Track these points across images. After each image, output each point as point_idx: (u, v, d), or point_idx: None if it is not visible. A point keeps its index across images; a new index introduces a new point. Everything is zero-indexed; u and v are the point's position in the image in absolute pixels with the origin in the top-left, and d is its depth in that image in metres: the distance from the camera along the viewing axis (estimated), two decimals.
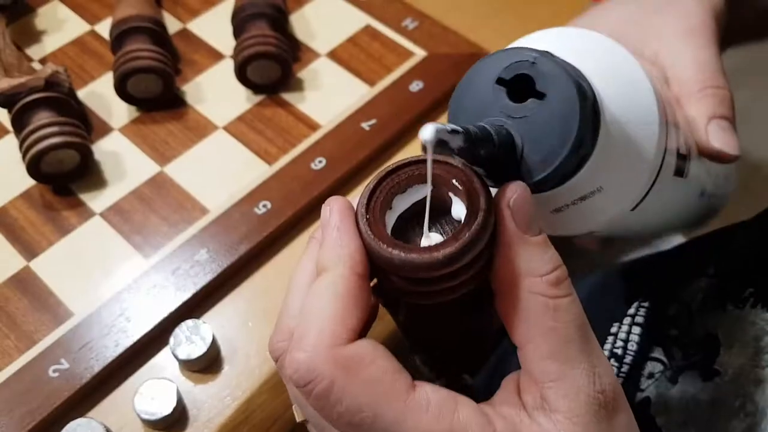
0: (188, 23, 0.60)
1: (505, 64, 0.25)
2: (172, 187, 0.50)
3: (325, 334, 0.24)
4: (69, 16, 0.61)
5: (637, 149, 0.26)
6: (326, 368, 0.23)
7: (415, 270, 0.23)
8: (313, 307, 0.24)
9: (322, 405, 0.23)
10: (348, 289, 0.24)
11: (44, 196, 0.50)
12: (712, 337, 0.37)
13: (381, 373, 0.23)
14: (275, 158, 0.51)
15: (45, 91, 0.50)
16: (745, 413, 0.33)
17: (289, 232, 0.49)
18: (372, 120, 0.53)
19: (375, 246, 0.24)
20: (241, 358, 0.44)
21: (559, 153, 0.24)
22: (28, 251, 0.47)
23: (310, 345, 0.23)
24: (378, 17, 0.59)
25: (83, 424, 0.40)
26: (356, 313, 0.24)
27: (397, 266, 0.24)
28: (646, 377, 0.40)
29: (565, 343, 0.24)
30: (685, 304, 0.41)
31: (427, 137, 0.22)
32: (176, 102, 0.55)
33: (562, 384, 0.24)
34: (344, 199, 0.26)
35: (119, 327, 0.44)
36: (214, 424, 0.42)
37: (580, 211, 0.26)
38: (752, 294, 0.37)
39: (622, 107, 0.26)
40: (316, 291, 0.25)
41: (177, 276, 0.46)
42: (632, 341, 0.43)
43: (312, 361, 0.23)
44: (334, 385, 0.23)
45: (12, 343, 0.44)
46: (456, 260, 0.23)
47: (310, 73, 0.56)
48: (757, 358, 0.34)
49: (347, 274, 0.24)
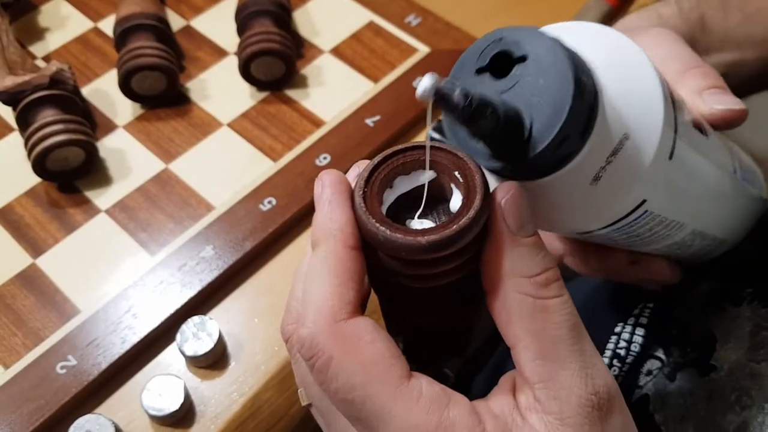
0: (192, 20, 0.60)
1: (477, 53, 0.25)
2: (177, 184, 0.50)
3: (324, 310, 0.24)
4: (72, 13, 0.61)
5: (643, 89, 0.25)
6: (327, 343, 0.23)
7: (397, 250, 0.23)
8: (311, 284, 0.24)
9: (322, 379, 0.24)
10: (341, 262, 0.24)
11: (50, 193, 0.50)
12: (709, 335, 0.38)
13: (379, 355, 0.24)
14: (280, 155, 0.51)
15: (50, 89, 0.50)
16: (741, 406, 0.33)
17: (294, 228, 0.49)
18: (376, 116, 0.53)
19: (364, 219, 0.24)
20: (247, 354, 0.44)
21: (566, 101, 0.22)
22: (34, 249, 0.48)
23: (311, 321, 0.24)
24: (381, 13, 0.60)
25: (92, 420, 0.40)
26: (352, 285, 0.24)
27: (381, 243, 0.24)
28: (645, 374, 0.41)
29: (554, 344, 0.24)
30: (687, 306, 0.42)
31: (422, 91, 0.21)
32: (180, 99, 0.55)
33: (553, 385, 0.24)
34: (337, 172, 0.26)
35: (126, 324, 0.44)
36: (221, 419, 0.42)
37: (618, 170, 0.25)
38: (750, 293, 0.37)
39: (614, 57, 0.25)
40: (311, 267, 0.25)
41: (183, 273, 0.46)
42: (635, 342, 0.43)
43: (314, 336, 0.24)
44: (332, 360, 0.23)
45: (19, 340, 0.44)
46: (438, 248, 0.23)
47: (314, 70, 0.56)
48: (752, 353, 0.35)
49: (339, 248, 0.24)
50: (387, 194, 0.26)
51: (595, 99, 0.24)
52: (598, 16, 0.58)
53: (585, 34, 0.26)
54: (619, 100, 0.25)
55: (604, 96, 0.24)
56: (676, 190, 0.28)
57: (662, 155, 0.25)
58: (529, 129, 0.23)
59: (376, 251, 0.25)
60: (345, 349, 0.23)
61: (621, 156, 0.25)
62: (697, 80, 0.32)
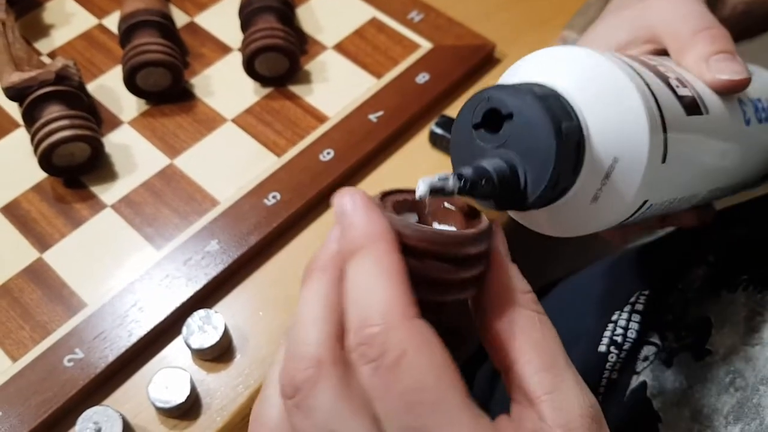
0: (195, 17, 0.60)
1: (471, 110, 0.27)
2: (182, 179, 0.51)
3: (394, 306, 0.22)
4: (76, 10, 0.61)
5: (625, 110, 0.26)
6: (400, 339, 0.21)
7: (447, 243, 0.24)
8: (369, 284, 0.22)
9: (390, 379, 0.21)
10: (396, 263, 0.23)
11: (56, 188, 0.51)
12: (704, 320, 0.38)
13: (448, 362, 0.22)
14: (284, 150, 0.52)
15: (55, 85, 0.50)
16: (735, 388, 0.34)
17: (299, 222, 0.50)
18: (379, 111, 0.53)
19: (405, 223, 0.24)
20: (252, 347, 0.45)
21: (551, 151, 0.25)
22: (40, 243, 0.48)
23: (379, 319, 0.22)
24: (384, 10, 0.60)
25: (99, 412, 0.40)
26: (409, 286, 0.23)
27: (430, 239, 0.24)
28: (642, 360, 0.41)
29: (553, 356, 0.24)
30: (682, 292, 0.42)
31: (421, 193, 0.24)
32: (185, 95, 0.55)
33: (557, 396, 0.24)
34: (364, 192, 0.25)
35: (132, 317, 0.45)
36: (226, 411, 0.43)
37: (614, 187, 0.27)
38: (745, 280, 0.38)
39: (592, 84, 0.27)
40: (364, 269, 0.23)
41: (188, 267, 0.47)
42: (632, 329, 0.43)
43: (386, 331, 0.21)
44: (406, 356, 0.21)
45: (27, 333, 0.44)
46: (481, 238, 0.25)
47: (318, 66, 0.57)
48: (747, 337, 0.35)
49: (390, 249, 0.23)
50: None
51: (580, 138, 0.26)
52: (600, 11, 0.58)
53: (561, 63, 0.28)
54: (604, 128, 0.26)
55: (589, 129, 0.26)
56: (678, 180, 0.30)
57: (654, 162, 0.27)
58: (524, 179, 0.26)
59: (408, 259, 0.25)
60: (419, 345, 0.22)
61: (614, 176, 0.26)
62: (706, 45, 0.32)
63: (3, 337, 0.44)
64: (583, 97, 0.26)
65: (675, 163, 0.28)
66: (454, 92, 0.56)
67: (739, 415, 0.32)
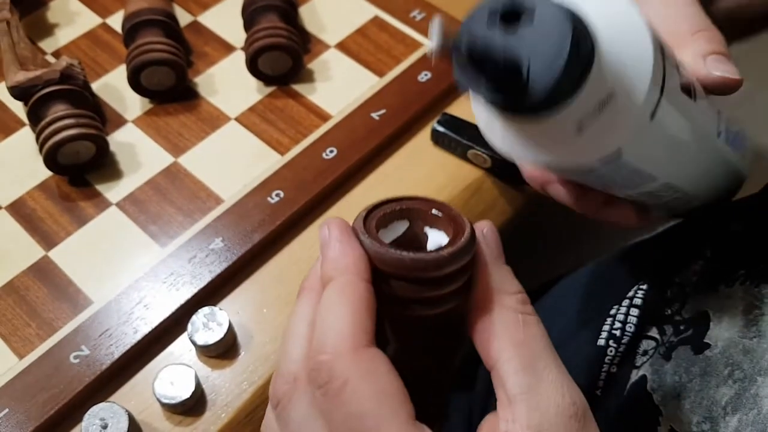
0: (199, 16, 0.61)
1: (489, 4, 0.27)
2: (186, 178, 0.51)
3: (345, 336, 0.24)
4: (80, 9, 0.61)
5: (636, 52, 0.27)
6: (345, 367, 0.24)
7: (425, 267, 0.25)
8: (328, 314, 0.25)
9: (334, 404, 0.24)
10: (359, 293, 0.25)
11: (61, 187, 0.51)
12: (703, 314, 0.39)
13: (393, 388, 0.24)
14: (287, 148, 0.52)
15: (60, 84, 0.50)
16: (734, 380, 0.34)
17: (302, 220, 0.50)
18: (381, 110, 0.54)
19: (381, 250, 0.25)
20: (257, 344, 0.45)
21: (564, 48, 0.25)
22: (46, 241, 0.48)
23: (330, 346, 0.24)
24: (386, 9, 0.60)
25: (105, 408, 0.41)
26: (369, 315, 0.25)
27: (407, 265, 0.25)
28: (641, 354, 0.42)
29: (533, 358, 0.25)
30: (680, 286, 0.43)
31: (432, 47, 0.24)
32: (189, 94, 0.56)
33: (533, 396, 0.24)
34: (340, 218, 0.27)
35: (138, 314, 0.45)
36: (231, 408, 0.43)
37: (600, 122, 0.27)
38: (743, 274, 0.38)
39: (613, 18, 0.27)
40: (328, 299, 0.25)
41: (193, 264, 0.47)
42: (630, 323, 0.44)
43: (333, 360, 0.24)
44: (348, 385, 0.23)
45: (33, 330, 0.45)
46: (458, 257, 0.26)
47: (320, 65, 0.57)
48: (745, 330, 0.36)
49: (355, 280, 0.25)
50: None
51: (590, 55, 0.26)
52: None
53: None
54: (612, 60, 0.26)
55: (601, 53, 0.26)
56: (652, 147, 0.30)
57: (643, 114, 0.27)
58: (527, 74, 0.25)
59: (389, 281, 0.26)
60: (362, 374, 0.23)
61: (605, 110, 0.27)
62: (703, 44, 0.32)
63: (10, 334, 0.45)
64: (602, 24, 0.27)
65: (657, 129, 0.28)
66: (456, 90, 0.56)
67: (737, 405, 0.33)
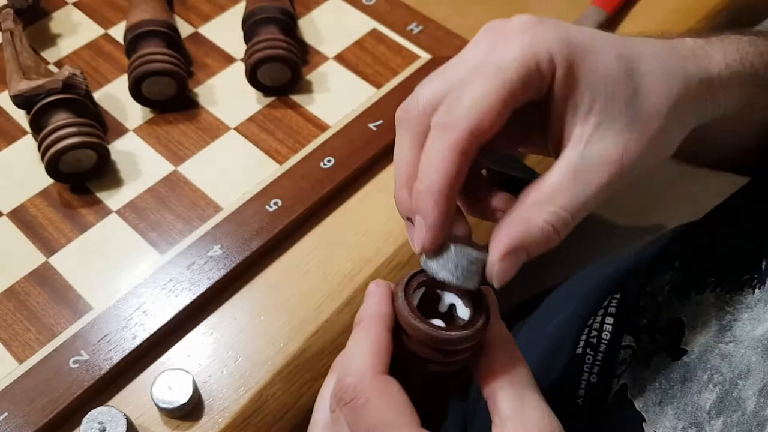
0: (200, 27, 0.62)
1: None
2: (186, 186, 0.52)
3: (366, 363, 0.30)
4: (83, 19, 0.62)
5: None
6: (367, 388, 0.29)
7: (436, 342, 0.30)
8: (355, 347, 0.31)
9: (359, 416, 0.29)
10: (380, 335, 0.31)
11: (62, 194, 0.52)
12: (677, 321, 0.40)
13: (404, 403, 0.29)
14: (285, 158, 0.53)
15: (62, 93, 0.51)
16: (714, 384, 0.35)
17: (300, 228, 0.51)
18: (378, 121, 0.55)
19: (411, 319, 0.31)
20: (253, 350, 0.46)
21: None
22: (47, 248, 0.49)
23: (355, 371, 0.30)
24: (384, 21, 0.61)
25: (104, 412, 0.41)
26: (385, 353, 0.31)
27: (424, 336, 0.30)
28: (620, 363, 0.43)
29: (522, 388, 0.30)
30: (652, 296, 0.44)
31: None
32: (189, 104, 0.56)
33: (522, 417, 0.29)
34: (387, 283, 0.33)
35: (136, 320, 0.46)
36: (228, 413, 0.43)
37: None
38: (713, 281, 0.39)
39: None
40: (356, 335, 0.32)
41: (192, 271, 0.48)
42: (606, 331, 0.45)
43: (357, 383, 0.30)
44: (370, 402, 0.29)
45: (33, 335, 0.45)
46: (472, 338, 0.31)
47: (319, 76, 0.58)
48: (720, 335, 0.36)
49: (381, 327, 0.31)
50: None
51: None
52: (594, 24, 0.60)
53: None
54: None
55: None
56: None
57: None
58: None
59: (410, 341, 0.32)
60: (380, 394, 0.29)
61: None
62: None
63: (10, 339, 0.45)
64: None
65: None
66: None
67: (720, 408, 0.34)
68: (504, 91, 0.28)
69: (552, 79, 0.29)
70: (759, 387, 0.32)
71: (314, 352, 0.46)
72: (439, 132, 0.29)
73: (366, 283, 0.48)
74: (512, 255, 0.29)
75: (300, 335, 0.46)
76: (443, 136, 0.29)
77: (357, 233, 0.50)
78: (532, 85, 0.29)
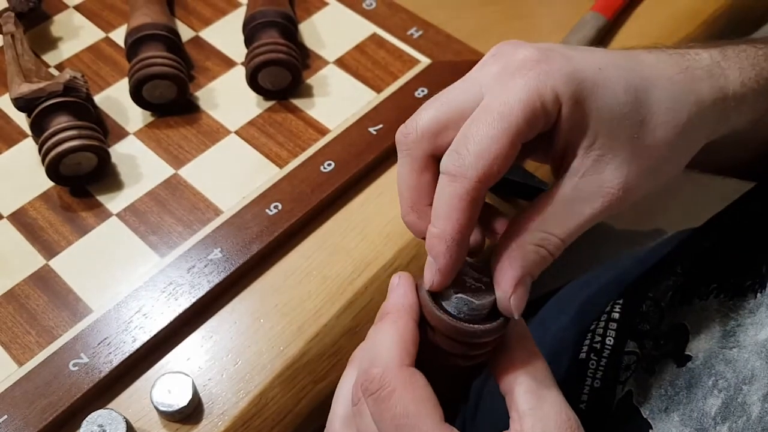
0: (201, 31, 0.62)
1: None
2: (186, 189, 0.52)
3: (393, 355, 0.31)
4: (84, 23, 0.63)
5: None
6: (393, 379, 0.30)
7: (460, 334, 0.31)
8: (383, 337, 0.31)
9: (384, 407, 0.30)
10: (407, 327, 0.31)
11: (62, 197, 0.52)
12: (680, 327, 0.40)
13: (428, 396, 0.30)
14: (286, 161, 0.53)
15: (63, 96, 0.51)
16: (719, 389, 0.35)
17: (300, 232, 0.51)
18: (379, 125, 0.55)
19: (437, 313, 0.31)
20: (253, 353, 0.46)
21: None
22: (47, 250, 0.49)
23: (382, 363, 0.30)
24: (384, 26, 0.61)
25: (104, 415, 0.41)
26: (412, 345, 0.31)
27: (450, 329, 0.31)
28: (624, 369, 0.43)
29: (539, 385, 0.31)
30: (656, 301, 0.44)
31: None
32: (190, 107, 0.57)
33: (539, 411, 0.30)
34: (410, 275, 0.34)
35: (136, 323, 0.46)
36: (228, 416, 0.43)
37: None
38: (715, 288, 0.39)
39: None
40: (382, 327, 0.32)
41: (192, 274, 0.48)
42: (609, 336, 0.46)
43: (384, 373, 0.30)
44: (395, 392, 0.30)
45: (33, 338, 0.45)
46: (495, 332, 0.31)
47: (319, 80, 0.58)
48: (724, 341, 0.36)
49: (407, 319, 0.32)
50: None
51: None
52: (594, 29, 0.60)
53: None
54: None
55: None
56: None
57: None
58: None
59: (436, 334, 0.32)
60: (405, 385, 0.30)
61: None
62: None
63: (10, 341, 0.45)
64: None
65: None
66: None
67: (726, 414, 0.34)
68: (511, 134, 0.29)
69: (558, 115, 0.30)
70: (764, 392, 0.32)
71: (314, 356, 0.46)
72: (449, 180, 0.30)
73: (366, 286, 0.48)
74: (521, 285, 0.30)
75: (300, 339, 0.46)
76: (453, 185, 0.30)
77: (357, 237, 0.50)
78: (538, 124, 0.30)
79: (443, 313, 0.31)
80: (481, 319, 0.31)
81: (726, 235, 0.43)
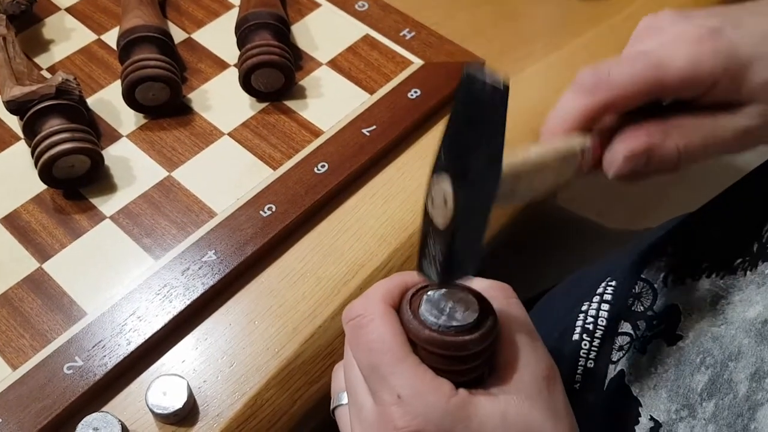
0: (193, 33, 0.62)
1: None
2: (179, 191, 0.52)
3: (377, 293, 0.33)
4: (76, 25, 0.62)
5: None
6: (374, 311, 0.32)
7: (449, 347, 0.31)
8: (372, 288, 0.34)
9: (360, 333, 0.32)
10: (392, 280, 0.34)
11: (56, 200, 0.52)
12: (673, 307, 0.40)
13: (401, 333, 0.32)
14: (279, 163, 0.53)
15: (56, 99, 0.51)
16: (706, 366, 0.36)
17: (294, 233, 0.51)
18: (372, 126, 0.55)
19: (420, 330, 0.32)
20: (248, 355, 0.46)
21: None
22: (40, 253, 0.49)
23: (366, 296, 0.33)
24: (377, 28, 0.62)
25: (98, 418, 0.41)
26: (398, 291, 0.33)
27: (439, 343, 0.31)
28: (617, 350, 0.43)
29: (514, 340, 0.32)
30: (648, 282, 0.44)
31: None
32: (183, 109, 0.57)
33: (514, 364, 0.32)
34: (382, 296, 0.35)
35: (131, 326, 0.46)
36: (223, 418, 0.44)
37: None
38: (707, 267, 0.40)
39: None
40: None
41: (186, 276, 0.48)
42: (602, 317, 0.46)
43: (366, 304, 0.33)
44: (373, 322, 0.32)
45: (27, 342, 0.45)
46: (484, 341, 0.31)
47: (312, 81, 0.58)
48: (714, 319, 0.37)
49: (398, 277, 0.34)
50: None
51: None
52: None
53: None
54: None
55: None
56: None
57: None
58: None
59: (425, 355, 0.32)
60: (384, 317, 0.32)
61: None
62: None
63: (3, 345, 0.45)
64: None
65: None
66: (445, 107, 0.57)
67: (712, 391, 0.34)
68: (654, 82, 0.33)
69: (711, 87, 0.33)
70: (751, 371, 0.33)
71: (308, 357, 0.46)
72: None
73: (360, 288, 0.48)
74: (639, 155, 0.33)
75: (294, 340, 0.46)
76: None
77: (351, 238, 0.51)
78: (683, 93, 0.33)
79: (428, 329, 0.32)
80: (466, 331, 0.32)
81: (717, 216, 0.44)
